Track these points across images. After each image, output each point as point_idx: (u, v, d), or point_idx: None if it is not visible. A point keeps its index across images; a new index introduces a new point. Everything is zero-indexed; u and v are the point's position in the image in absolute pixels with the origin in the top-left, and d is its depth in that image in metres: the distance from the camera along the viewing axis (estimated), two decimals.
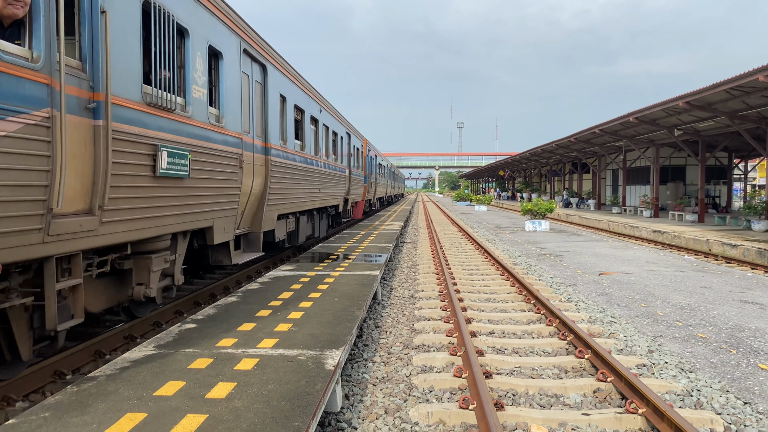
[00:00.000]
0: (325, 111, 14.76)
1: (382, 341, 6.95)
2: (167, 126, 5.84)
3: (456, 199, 69.79)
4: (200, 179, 6.67)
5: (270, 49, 9.55)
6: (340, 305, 6.64)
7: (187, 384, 4.00)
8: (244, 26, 8.31)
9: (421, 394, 5.13)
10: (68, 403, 3.64)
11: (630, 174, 37.95)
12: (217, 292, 9.51)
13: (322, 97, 14.39)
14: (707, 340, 6.93)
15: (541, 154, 46.82)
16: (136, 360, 4.54)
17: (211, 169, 6.96)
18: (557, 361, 6.01)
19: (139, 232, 5.47)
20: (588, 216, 31.46)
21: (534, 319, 8.01)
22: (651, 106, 22.16)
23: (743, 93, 18.28)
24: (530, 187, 62.47)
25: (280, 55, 10.11)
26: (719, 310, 8.45)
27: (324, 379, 4.11)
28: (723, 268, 13.57)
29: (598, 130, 28.84)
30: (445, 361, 6.02)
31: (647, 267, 12.97)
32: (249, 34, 8.50)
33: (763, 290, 10.12)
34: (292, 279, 8.49)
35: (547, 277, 11.54)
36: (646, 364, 5.95)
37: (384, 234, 16.58)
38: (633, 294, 9.74)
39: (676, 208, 28.28)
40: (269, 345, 4.99)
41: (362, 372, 5.78)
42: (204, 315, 6.12)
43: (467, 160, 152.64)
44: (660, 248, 18.69)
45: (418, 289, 10.19)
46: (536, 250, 16.55)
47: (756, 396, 5.14)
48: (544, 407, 4.92)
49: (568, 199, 46.42)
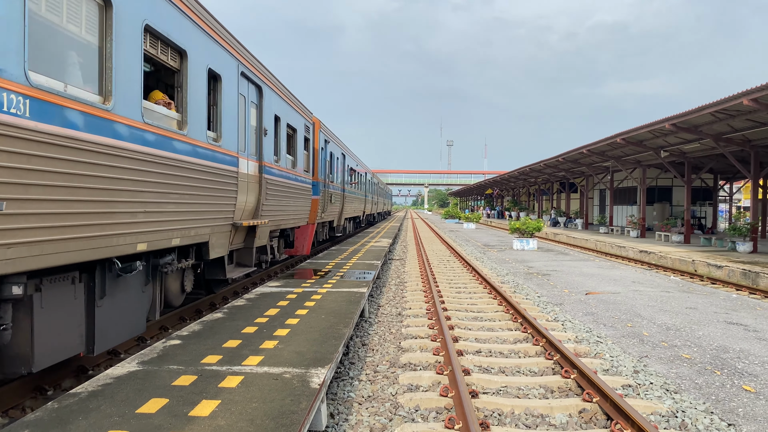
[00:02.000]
0: None
1: (368, 359, 6.91)
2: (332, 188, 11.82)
3: (445, 217, 69.93)
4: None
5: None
6: (326, 322, 6.61)
7: (170, 401, 3.95)
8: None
9: (406, 414, 5.10)
10: (48, 420, 3.59)
11: (617, 194, 38.29)
12: (203, 308, 9.44)
13: None
14: (692, 360, 6.97)
15: (530, 173, 47.15)
16: (120, 376, 4.49)
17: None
18: (543, 380, 6.01)
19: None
20: (575, 235, 31.64)
21: (521, 338, 8.01)
22: (638, 128, 22.43)
23: (728, 116, 18.57)
24: (518, 205, 62.79)
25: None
26: (704, 331, 8.50)
27: (309, 397, 4.08)
28: (708, 288, 13.67)
29: (586, 151, 29.12)
30: (431, 380, 5.99)
31: (634, 287, 13.05)
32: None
33: (747, 311, 10.20)
34: (279, 295, 8.45)
35: (534, 296, 11.57)
36: (631, 385, 5.97)
37: (372, 251, 16.57)
38: (619, 314, 9.78)
39: (663, 229, 28.53)
40: (254, 362, 4.96)
41: (348, 390, 5.74)
42: (189, 331, 6.07)
43: (456, 177, 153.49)
44: (646, 268, 18.81)
45: (405, 306, 10.17)
46: (524, 269, 16.60)
47: (740, 417, 5.16)
48: (530, 427, 4.91)
49: (555, 219, 46.69)
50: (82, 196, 4.53)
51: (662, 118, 20.38)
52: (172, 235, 6.22)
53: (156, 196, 5.74)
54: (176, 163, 6.20)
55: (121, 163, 5.05)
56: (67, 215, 4.37)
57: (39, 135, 4.02)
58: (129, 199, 5.22)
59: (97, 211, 4.73)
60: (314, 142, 15.31)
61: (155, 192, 5.71)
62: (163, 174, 5.89)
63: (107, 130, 4.87)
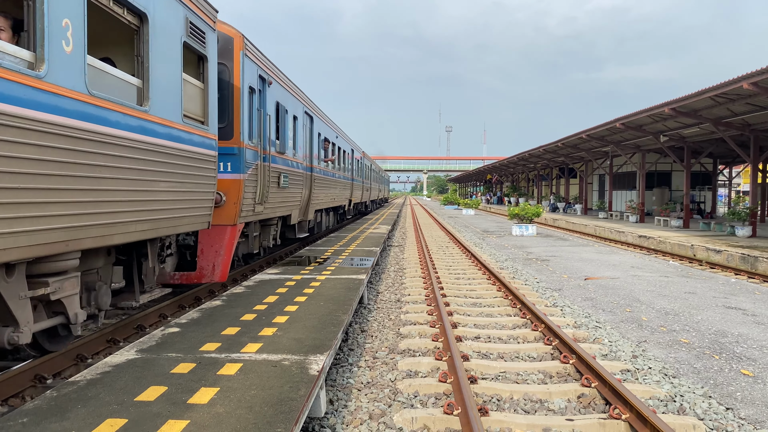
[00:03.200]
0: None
1: (367, 345, 6.93)
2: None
3: (444, 203, 69.92)
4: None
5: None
6: (325, 309, 6.61)
7: (169, 389, 3.95)
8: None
9: (405, 399, 5.11)
10: (47, 409, 3.59)
11: (616, 179, 38.23)
12: (202, 296, 9.44)
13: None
14: (691, 345, 6.98)
15: (529, 158, 47.08)
16: (118, 364, 4.49)
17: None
18: (542, 366, 6.02)
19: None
20: (574, 221, 31.65)
21: (520, 323, 8.02)
22: (637, 113, 22.35)
23: (728, 100, 18.49)
24: (518, 191, 62.75)
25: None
26: (703, 316, 8.51)
27: (308, 384, 4.08)
28: (707, 273, 13.70)
29: (585, 136, 29.04)
30: (430, 365, 6.00)
31: (632, 272, 13.06)
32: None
33: (746, 296, 10.22)
34: (278, 282, 8.45)
35: (533, 282, 11.58)
36: (630, 370, 5.98)
37: (371, 237, 16.56)
38: (618, 299, 9.80)
39: (662, 214, 28.53)
40: (253, 350, 4.96)
41: (347, 377, 5.76)
42: (188, 319, 6.07)
43: (455, 164, 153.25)
44: (645, 253, 18.83)
45: (404, 293, 10.18)
46: (523, 255, 16.60)
47: (738, 401, 5.18)
48: (529, 413, 4.92)
49: (555, 204, 46.68)
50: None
51: (662, 102, 20.30)
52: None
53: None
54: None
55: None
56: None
57: None
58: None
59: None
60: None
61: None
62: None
63: None
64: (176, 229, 6.80)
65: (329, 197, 18.03)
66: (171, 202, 6.51)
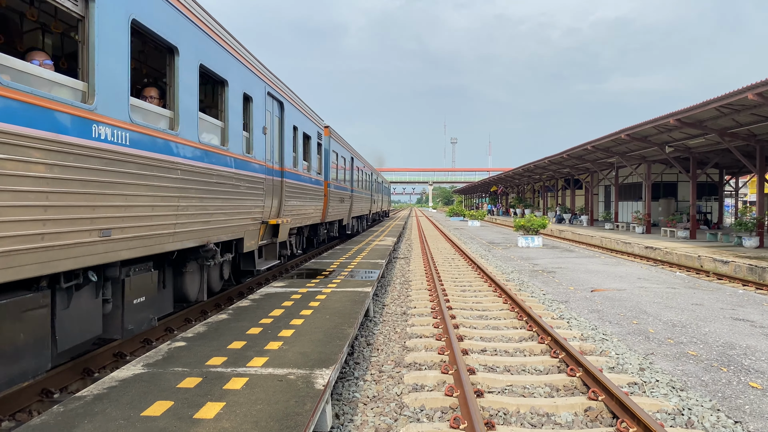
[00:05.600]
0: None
1: (373, 359, 6.92)
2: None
3: (449, 215, 69.88)
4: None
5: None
6: (331, 323, 6.61)
7: (175, 404, 3.96)
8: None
9: (412, 414, 5.10)
10: (54, 424, 3.60)
11: (622, 190, 38.15)
12: (208, 309, 9.46)
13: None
14: (698, 357, 6.94)
15: (534, 170, 47.05)
16: (125, 379, 4.50)
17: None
18: (549, 379, 6.00)
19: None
20: (581, 232, 31.56)
21: (526, 336, 7.99)
22: (642, 123, 22.35)
23: (733, 111, 18.48)
24: (523, 202, 62.67)
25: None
26: (710, 328, 8.46)
27: (314, 398, 4.09)
28: (714, 284, 13.61)
29: (591, 147, 29.04)
30: (436, 379, 5.99)
31: (639, 283, 13.00)
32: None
33: (754, 307, 10.15)
34: (283, 296, 8.46)
35: (539, 294, 11.54)
36: (637, 383, 5.95)
37: (377, 249, 16.56)
38: (625, 311, 9.75)
39: (668, 225, 28.42)
40: (259, 364, 4.96)
41: (353, 391, 5.75)
42: (194, 333, 6.09)
43: (461, 175, 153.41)
44: (652, 264, 18.74)
45: (410, 305, 10.17)
46: (529, 267, 16.56)
47: (747, 415, 5.14)
48: (535, 426, 4.90)
49: (560, 215, 46.57)
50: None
51: (667, 113, 20.30)
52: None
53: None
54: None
55: None
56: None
57: None
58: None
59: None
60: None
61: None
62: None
63: None
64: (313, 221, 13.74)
65: (360, 209, 25.24)
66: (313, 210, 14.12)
